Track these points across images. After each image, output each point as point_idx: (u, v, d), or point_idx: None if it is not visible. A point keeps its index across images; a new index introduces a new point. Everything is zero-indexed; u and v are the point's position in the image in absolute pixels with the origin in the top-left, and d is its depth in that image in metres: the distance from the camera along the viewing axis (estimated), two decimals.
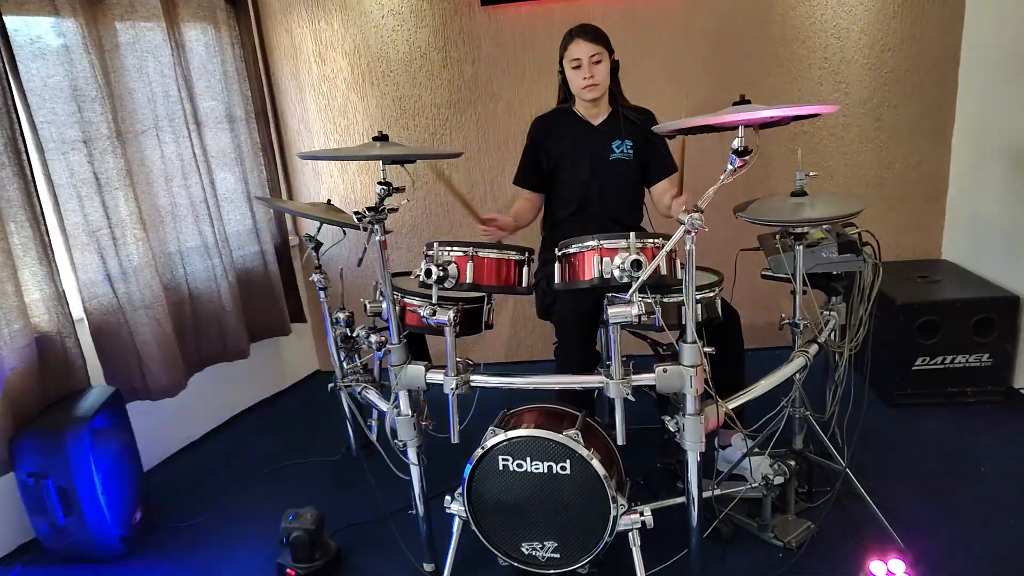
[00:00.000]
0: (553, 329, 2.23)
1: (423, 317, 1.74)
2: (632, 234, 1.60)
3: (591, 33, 2.24)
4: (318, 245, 2.18)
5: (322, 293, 2.18)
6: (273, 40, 3.18)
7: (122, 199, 2.45)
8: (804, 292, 2.02)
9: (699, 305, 1.86)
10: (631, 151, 2.36)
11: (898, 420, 2.61)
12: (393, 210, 1.76)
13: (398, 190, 1.73)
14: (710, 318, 1.90)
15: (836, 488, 2.04)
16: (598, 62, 2.23)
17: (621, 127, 2.35)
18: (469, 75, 3.11)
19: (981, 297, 2.60)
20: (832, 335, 2.14)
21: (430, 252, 1.80)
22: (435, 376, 1.78)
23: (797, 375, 1.93)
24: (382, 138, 1.78)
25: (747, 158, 1.50)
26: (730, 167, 1.51)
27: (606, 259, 1.61)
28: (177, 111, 2.67)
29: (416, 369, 1.79)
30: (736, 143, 1.51)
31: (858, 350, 2.16)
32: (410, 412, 1.82)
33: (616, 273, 1.60)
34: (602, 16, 2.94)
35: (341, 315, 2.37)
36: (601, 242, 1.63)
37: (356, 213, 1.71)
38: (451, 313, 1.71)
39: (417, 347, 2.30)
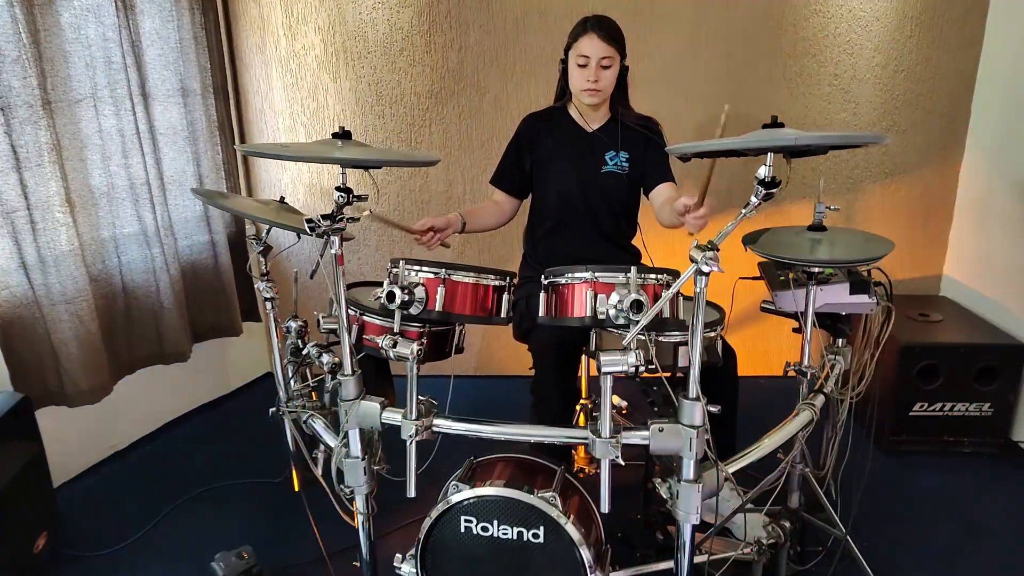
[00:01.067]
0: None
1: (382, 348, 1.49)
2: (633, 268, 1.37)
3: (608, 31, 1.97)
4: (266, 249, 1.90)
5: (269, 304, 1.90)
6: (238, 7, 2.87)
7: (46, 177, 2.14)
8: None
9: None
10: (626, 164, 2.12)
11: (892, 468, 2.44)
12: (354, 219, 1.50)
13: (359, 198, 1.47)
14: (709, 363, 1.68)
15: (835, 561, 1.86)
16: (608, 67, 1.98)
17: (618, 136, 2.11)
18: (454, 63, 2.85)
19: (986, 344, 2.44)
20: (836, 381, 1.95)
21: (395, 270, 1.55)
22: (393, 416, 1.53)
23: (802, 431, 1.73)
24: (344, 135, 1.51)
25: (774, 191, 1.28)
26: (754, 200, 1.29)
27: (601, 295, 1.38)
28: (120, 80, 2.35)
29: (371, 407, 1.54)
30: (763, 172, 1.28)
31: (859, 398, 1.99)
32: (360, 455, 1.57)
33: (611, 313, 1.37)
34: (603, 9, 2.69)
35: (293, 324, 2.09)
36: (596, 275, 1.40)
37: (308, 221, 1.44)
38: (415, 347, 1.46)
39: (379, 371, 2.04)
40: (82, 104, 2.27)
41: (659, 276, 1.41)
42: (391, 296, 1.46)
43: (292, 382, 2.05)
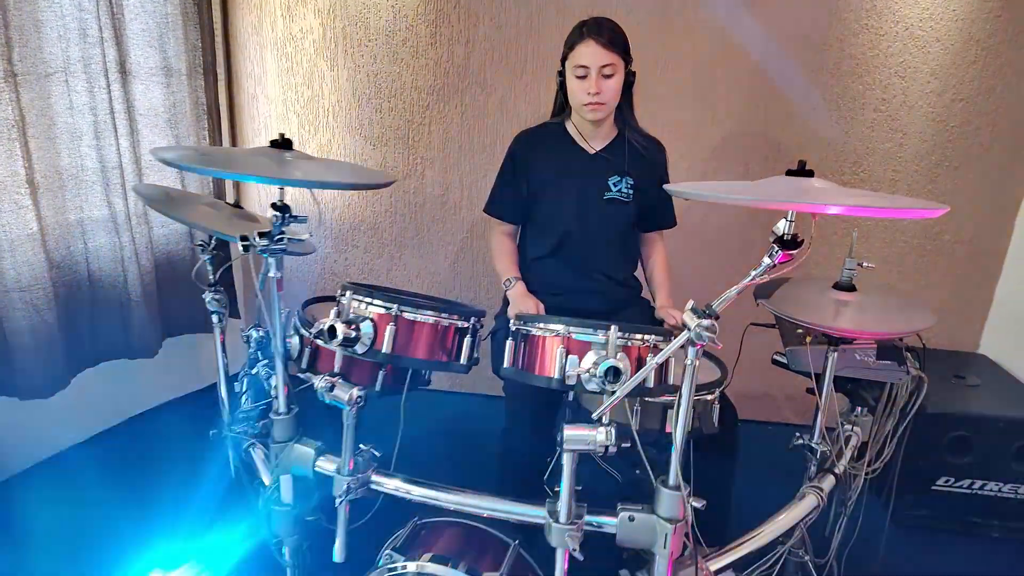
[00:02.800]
0: None
1: (316, 390, 1.29)
2: (613, 327, 1.15)
3: (607, 35, 1.74)
4: (217, 258, 1.70)
5: (216, 317, 1.71)
6: None
7: (6, 155, 1.98)
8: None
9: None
10: (631, 191, 1.88)
11: (907, 544, 2.17)
12: (298, 240, 1.30)
13: (296, 219, 1.26)
14: (703, 432, 1.45)
15: None
16: (610, 75, 1.74)
17: (624, 159, 1.88)
18: (460, 58, 2.62)
19: None
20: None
21: (342, 299, 1.34)
22: (329, 465, 1.33)
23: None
24: (283, 145, 1.30)
25: (794, 252, 1.05)
26: (767, 261, 1.06)
27: (573, 356, 1.16)
28: (95, 55, 2.17)
29: (304, 452, 1.34)
30: (781, 227, 1.05)
31: (876, 474, 1.75)
32: (292, 502, 1.38)
33: (584, 377, 1.15)
34: (627, 11, 2.45)
35: (255, 333, 1.90)
36: (571, 330, 1.18)
37: (243, 239, 1.24)
38: (353, 392, 1.26)
39: None
40: (53, 78, 2.10)
41: (645, 338, 1.18)
42: (331, 332, 1.25)
43: (245, 400, 1.87)
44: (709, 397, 1.45)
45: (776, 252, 1.07)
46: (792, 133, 2.55)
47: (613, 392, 1.12)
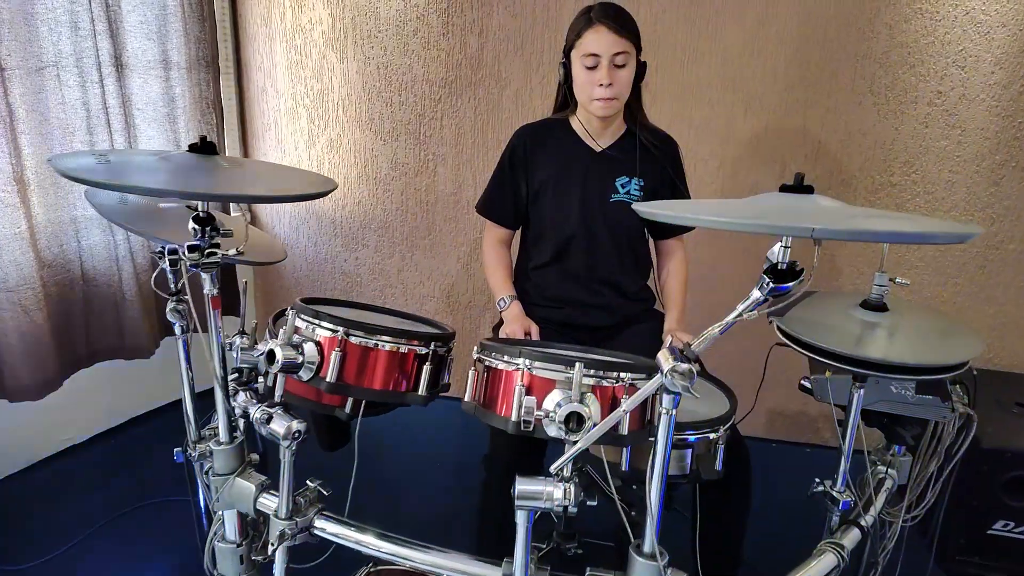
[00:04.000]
0: None
1: (252, 420, 1.15)
2: (579, 365, 0.97)
3: (618, 20, 1.56)
4: (178, 263, 1.57)
5: (179, 329, 1.59)
6: None
7: None
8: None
9: (688, 458, 1.22)
10: (639, 193, 1.70)
11: None
12: (238, 255, 1.16)
13: (219, 232, 1.12)
14: (703, 478, 1.25)
15: None
16: (622, 65, 1.56)
17: (635, 158, 1.69)
18: (474, 49, 2.46)
19: None
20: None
21: (288, 318, 1.20)
22: (271, 502, 1.20)
23: None
24: (204, 148, 1.16)
25: (791, 286, 0.86)
26: (757, 294, 0.87)
27: (529, 398, 0.99)
28: (87, 48, 2.10)
29: (244, 487, 1.21)
30: (775, 253, 0.86)
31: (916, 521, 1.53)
32: (237, 540, 1.25)
33: (544, 422, 0.98)
34: None
35: (239, 340, 1.79)
36: (532, 364, 1.01)
37: (170, 252, 1.12)
38: (293, 425, 1.12)
39: (330, 424, 1.69)
40: (43, 72, 2.04)
41: (621, 376, 1.00)
42: (270, 357, 1.11)
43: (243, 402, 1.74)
44: (712, 436, 1.25)
45: (767, 284, 0.88)
46: (834, 129, 2.30)
47: (574, 443, 0.95)
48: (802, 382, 1.68)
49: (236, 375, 1.58)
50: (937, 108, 2.23)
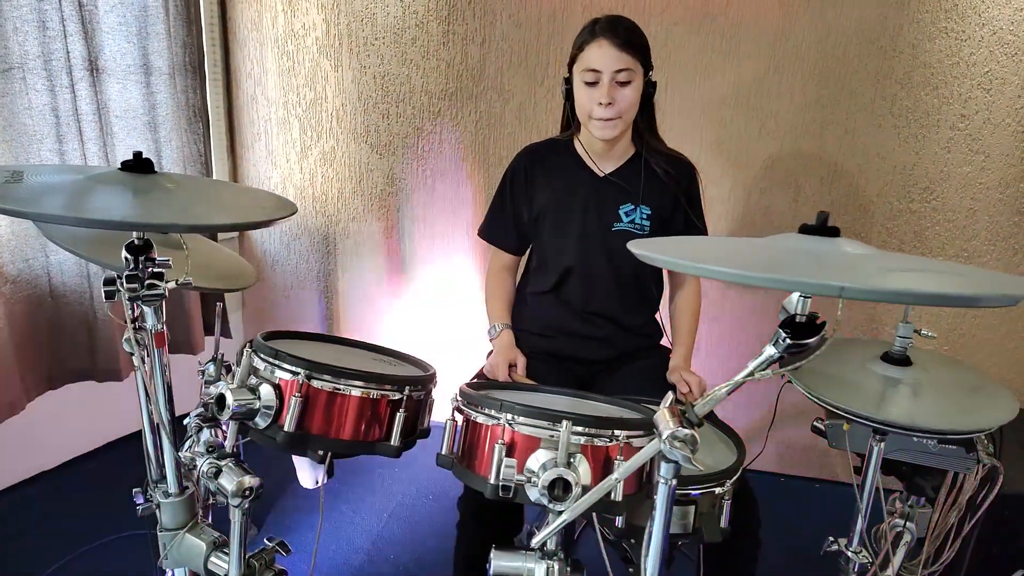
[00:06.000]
0: None
1: (196, 473, 1.01)
2: (566, 424, 0.84)
3: (623, 34, 1.44)
4: (137, 294, 1.39)
5: (138, 360, 1.44)
6: None
7: None
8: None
9: (691, 516, 1.08)
10: (647, 222, 1.57)
11: None
12: (184, 285, 1.03)
13: (154, 262, 0.99)
14: (706, 540, 1.11)
15: None
16: (626, 83, 1.44)
17: (640, 184, 1.57)
18: (475, 60, 2.35)
19: None
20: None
21: (243, 357, 1.06)
22: (223, 562, 1.05)
23: None
24: (138, 166, 1.02)
25: (810, 343, 0.74)
26: (772, 351, 0.75)
27: (509, 459, 0.85)
28: (57, 50, 1.96)
29: (194, 545, 1.07)
30: (792, 304, 0.74)
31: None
32: None
33: (526, 487, 0.85)
34: (662, 9, 2.14)
35: (212, 368, 1.63)
36: (514, 419, 0.87)
37: (107, 282, 0.98)
38: (245, 482, 0.98)
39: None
40: (9, 75, 1.90)
41: (615, 434, 0.87)
42: (221, 402, 0.97)
43: (191, 449, 1.60)
44: (718, 491, 1.10)
45: (784, 340, 0.76)
46: (852, 152, 2.20)
47: (559, 512, 0.81)
48: (815, 424, 1.56)
49: (201, 410, 1.44)
50: (960, 132, 2.13)
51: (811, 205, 2.26)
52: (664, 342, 1.76)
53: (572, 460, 0.81)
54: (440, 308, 2.61)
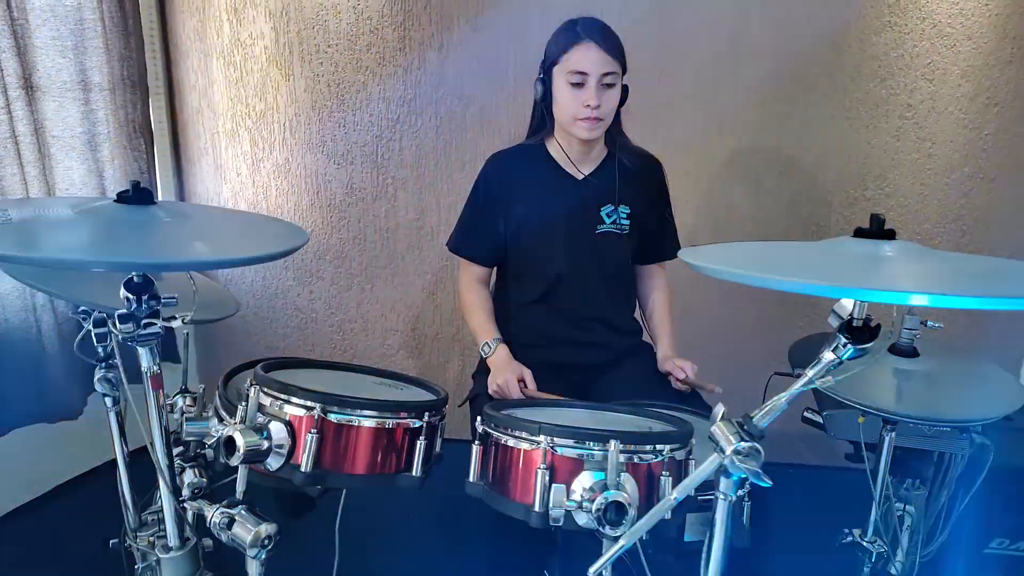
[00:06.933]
0: None
1: (210, 525, 0.95)
2: (614, 444, 0.83)
3: (609, 38, 1.46)
4: (107, 337, 1.29)
5: (109, 401, 1.35)
6: None
7: None
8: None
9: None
10: (626, 221, 1.58)
11: None
12: (180, 319, 0.96)
13: (160, 301, 0.92)
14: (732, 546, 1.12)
15: None
16: (611, 85, 1.45)
17: (616, 185, 1.57)
18: (434, 65, 2.30)
19: None
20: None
21: (249, 395, 1.00)
22: None
23: None
24: (137, 197, 0.96)
25: (869, 347, 0.75)
26: (830, 357, 0.76)
27: (559, 486, 0.84)
28: None
29: None
30: (848, 307, 0.75)
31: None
32: None
33: (574, 512, 0.83)
34: (619, 12, 2.15)
35: (180, 401, 1.53)
36: (554, 442, 0.85)
37: (97, 323, 0.91)
38: (263, 530, 0.92)
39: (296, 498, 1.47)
40: None
41: (658, 449, 0.86)
42: (230, 446, 0.91)
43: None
44: (740, 492, 1.11)
45: (842, 344, 0.77)
46: (808, 144, 2.27)
47: (614, 539, 0.80)
48: (806, 414, 1.60)
49: (181, 449, 1.36)
50: (908, 121, 2.22)
51: (772, 198, 2.32)
52: (645, 338, 1.77)
53: (620, 481, 0.80)
54: (408, 316, 2.55)
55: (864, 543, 1.27)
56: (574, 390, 1.61)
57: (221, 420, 1.18)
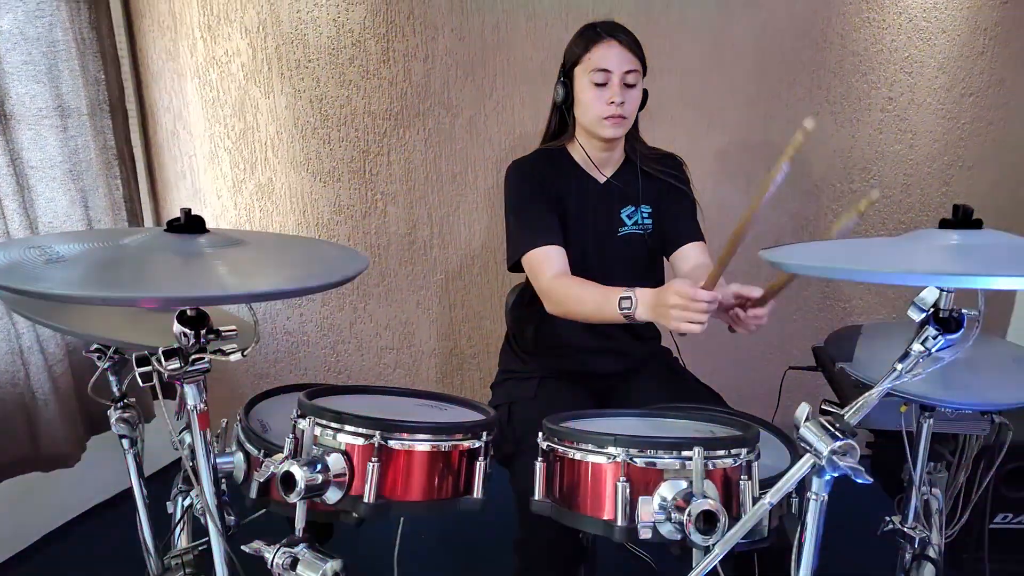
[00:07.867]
0: None
1: (273, 568, 0.91)
2: (697, 450, 0.82)
3: (630, 38, 1.48)
4: (121, 363, 1.25)
5: (126, 442, 1.29)
6: (142, 3, 2.25)
7: None
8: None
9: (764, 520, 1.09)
10: (649, 221, 1.59)
11: None
12: (227, 353, 0.92)
13: (218, 336, 0.89)
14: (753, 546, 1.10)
15: None
16: (633, 84, 1.47)
17: (638, 186, 1.57)
18: (419, 76, 2.27)
19: None
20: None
21: (300, 426, 0.96)
22: None
23: None
24: (189, 226, 0.92)
25: (956, 336, 0.76)
26: (919, 348, 0.78)
27: (644, 498, 0.83)
28: None
29: None
30: (931, 297, 0.77)
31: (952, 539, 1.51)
32: None
33: (658, 524, 0.82)
34: (604, 17, 2.15)
35: (188, 438, 1.45)
36: (630, 454, 0.84)
37: (140, 361, 0.86)
38: (329, 570, 0.89)
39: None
40: None
41: (734, 452, 0.86)
42: (288, 481, 0.88)
43: (180, 533, 1.44)
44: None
45: (932, 336, 0.78)
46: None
47: (707, 549, 0.80)
48: (824, 406, 1.62)
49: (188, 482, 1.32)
50: (889, 114, 2.27)
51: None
52: (662, 343, 1.77)
53: (703, 488, 0.79)
54: (403, 333, 2.51)
55: (905, 529, 1.29)
56: (593, 398, 1.60)
57: (247, 453, 1.14)
